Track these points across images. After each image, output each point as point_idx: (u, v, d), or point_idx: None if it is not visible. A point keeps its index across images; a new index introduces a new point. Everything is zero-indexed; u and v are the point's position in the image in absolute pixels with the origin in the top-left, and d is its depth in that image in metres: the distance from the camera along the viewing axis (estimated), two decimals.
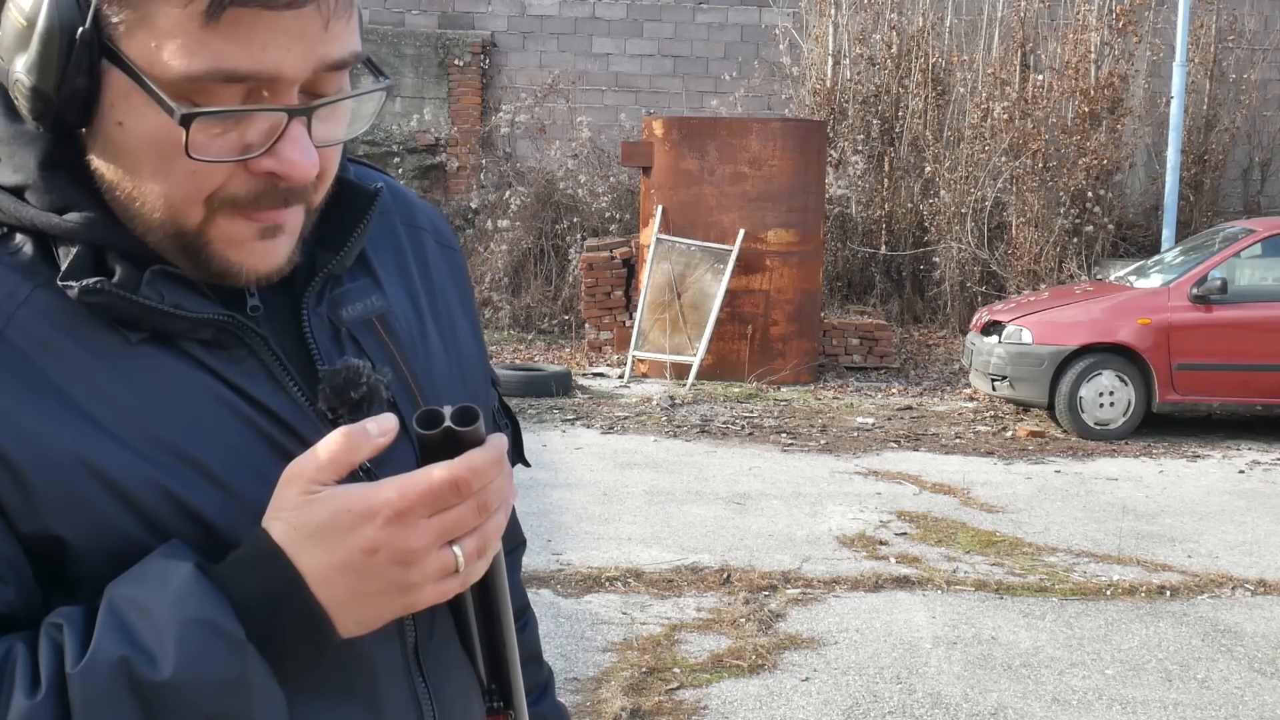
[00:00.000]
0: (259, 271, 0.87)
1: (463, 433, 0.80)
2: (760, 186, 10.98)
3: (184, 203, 0.82)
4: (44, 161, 0.84)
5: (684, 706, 4.13)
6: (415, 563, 0.79)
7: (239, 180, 0.83)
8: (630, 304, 11.82)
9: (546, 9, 15.38)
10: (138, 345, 0.84)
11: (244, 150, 0.81)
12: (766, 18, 15.31)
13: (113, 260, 0.85)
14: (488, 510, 0.82)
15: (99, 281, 0.82)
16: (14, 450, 0.78)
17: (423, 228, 1.11)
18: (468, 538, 0.82)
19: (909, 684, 4.38)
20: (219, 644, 0.75)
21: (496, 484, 0.82)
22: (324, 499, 0.78)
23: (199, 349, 0.86)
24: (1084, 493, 7.39)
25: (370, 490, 0.78)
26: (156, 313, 0.84)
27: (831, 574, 5.61)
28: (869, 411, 9.91)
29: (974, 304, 13.03)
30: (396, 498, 0.78)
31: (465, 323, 1.09)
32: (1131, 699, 4.30)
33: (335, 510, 0.78)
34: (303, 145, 0.82)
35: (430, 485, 0.79)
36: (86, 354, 0.83)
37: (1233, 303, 9.10)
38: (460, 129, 15.11)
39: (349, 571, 0.78)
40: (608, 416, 9.27)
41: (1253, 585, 5.62)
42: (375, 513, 0.77)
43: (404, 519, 0.78)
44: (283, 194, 0.84)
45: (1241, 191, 15.58)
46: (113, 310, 0.83)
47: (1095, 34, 14.14)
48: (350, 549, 0.78)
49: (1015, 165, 13.47)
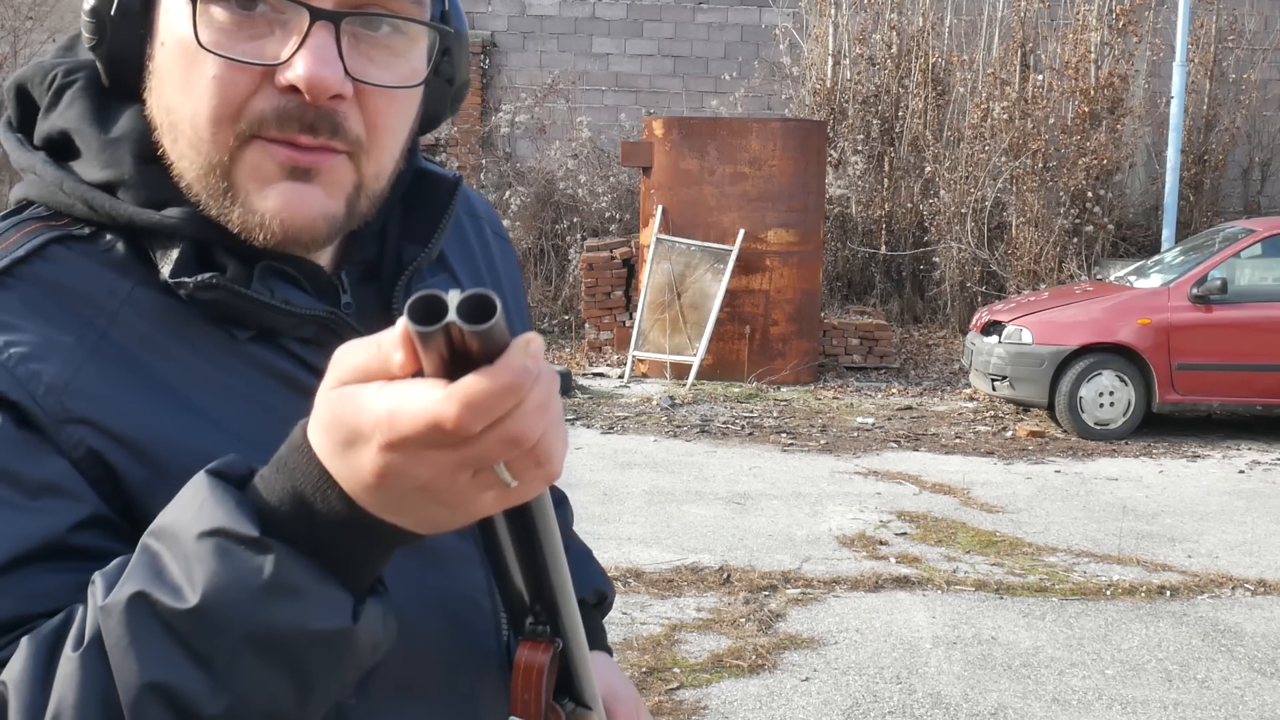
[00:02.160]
0: (285, 222, 0.81)
1: (472, 334, 0.60)
2: (760, 186, 10.97)
3: (211, 124, 0.79)
4: (140, 155, 0.82)
5: (684, 706, 4.13)
6: (440, 490, 0.64)
7: (266, 96, 0.79)
8: (630, 304, 11.82)
9: (546, 9, 15.38)
10: (244, 344, 0.83)
11: (268, 57, 0.78)
12: (766, 18, 15.31)
13: (220, 256, 0.83)
14: (517, 443, 0.62)
15: (213, 276, 0.80)
16: (145, 441, 0.77)
17: (481, 217, 1.10)
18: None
19: (909, 684, 4.38)
20: (238, 552, 0.66)
21: (525, 409, 0.61)
22: (332, 399, 0.65)
23: (299, 346, 0.84)
24: (1084, 493, 7.39)
25: (366, 402, 0.63)
26: (267, 308, 0.82)
27: (831, 574, 5.61)
28: (869, 411, 9.91)
29: (974, 304, 13.03)
30: (386, 424, 0.62)
31: (518, 320, 1.05)
32: (1131, 699, 4.30)
33: (333, 418, 0.65)
34: (325, 56, 0.77)
35: (415, 423, 0.61)
36: (193, 353, 0.81)
37: (1233, 303, 9.10)
38: (460, 129, 15.11)
39: (369, 489, 0.65)
40: (608, 416, 9.27)
41: (1253, 585, 5.62)
42: (367, 436, 0.63)
43: (401, 449, 0.62)
44: (310, 119, 0.79)
45: (1241, 191, 15.58)
46: (222, 307, 0.81)
47: (1095, 34, 14.14)
48: (357, 468, 0.65)
49: (1015, 165, 13.47)
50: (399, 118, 0.85)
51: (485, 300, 0.60)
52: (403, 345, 0.62)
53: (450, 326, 0.60)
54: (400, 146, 0.87)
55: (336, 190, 0.82)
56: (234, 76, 0.78)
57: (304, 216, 0.81)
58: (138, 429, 0.78)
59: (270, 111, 0.79)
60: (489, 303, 0.60)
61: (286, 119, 0.79)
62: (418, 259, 0.93)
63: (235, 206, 0.81)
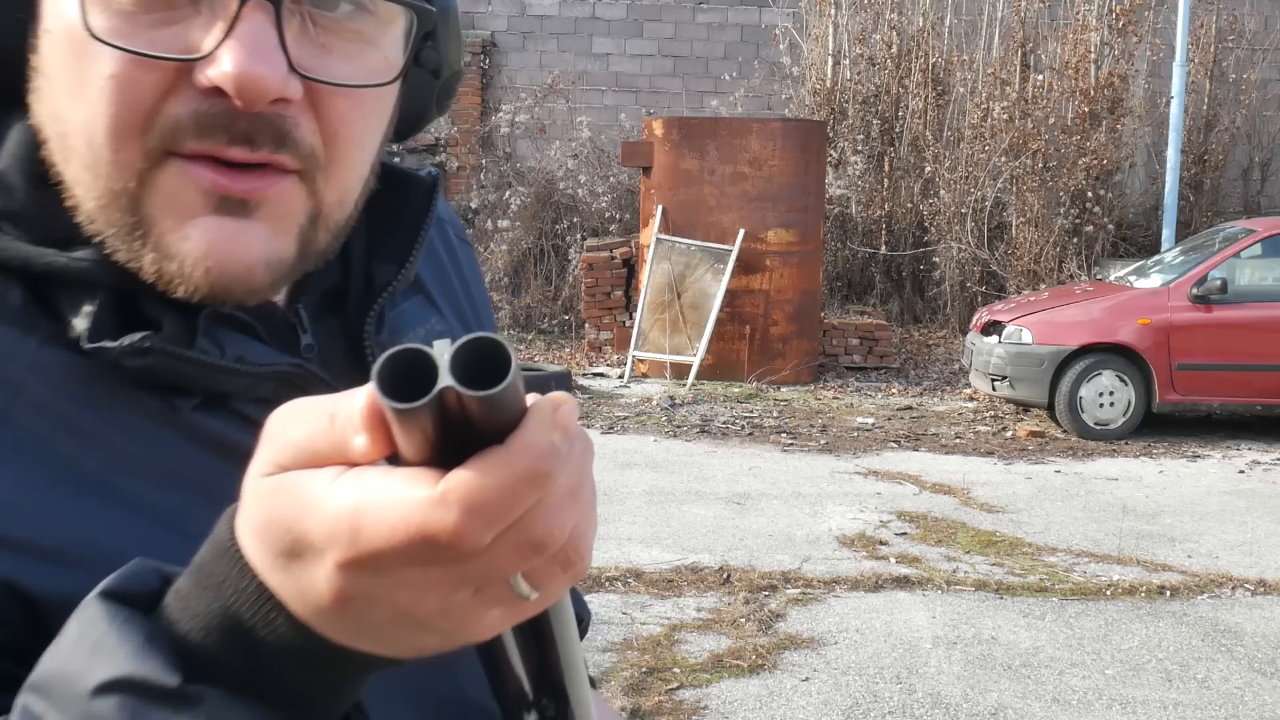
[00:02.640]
0: (212, 271, 0.61)
1: (475, 401, 0.42)
2: (760, 186, 10.98)
3: (111, 139, 0.59)
4: (33, 177, 0.63)
5: (684, 706, 4.13)
6: (429, 615, 0.46)
7: (183, 99, 0.59)
8: (630, 304, 11.82)
9: (546, 9, 15.38)
10: (187, 414, 0.64)
11: (183, 52, 0.58)
12: (766, 18, 15.31)
13: (149, 306, 0.63)
14: (539, 549, 0.45)
15: (145, 338, 0.61)
16: (70, 551, 0.58)
17: (444, 219, 0.89)
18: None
19: (909, 684, 4.38)
20: (152, 712, 0.47)
21: (551, 503, 0.45)
22: (265, 491, 0.46)
23: (256, 409, 0.62)
24: (1084, 493, 7.39)
25: (315, 499, 0.45)
26: (216, 371, 0.64)
27: (831, 574, 5.61)
28: (869, 411, 9.91)
29: (974, 304, 13.03)
30: (346, 535, 0.44)
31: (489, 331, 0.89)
32: (1131, 699, 4.30)
33: (268, 519, 0.46)
34: (260, 46, 0.58)
35: (390, 535, 0.43)
36: (122, 431, 0.62)
37: (1233, 303, 9.10)
38: (460, 129, 15.11)
39: (326, 614, 0.47)
40: (608, 416, 9.28)
41: (1253, 585, 5.62)
42: (318, 549, 0.45)
43: (369, 568, 0.44)
44: (244, 128, 0.59)
45: (1241, 191, 15.58)
46: (158, 373, 0.63)
47: (1095, 34, 14.14)
48: (306, 589, 0.46)
49: (1015, 165, 13.47)
50: (368, 124, 0.65)
51: (493, 352, 0.43)
52: (368, 425, 0.44)
53: (445, 393, 0.42)
54: (371, 160, 0.68)
55: (284, 224, 0.63)
56: (138, 75, 0.59)
57: (238, 263, 0.61)
58: (57, 538, 0.58)
59: (188, 117, 0.59)
60: (499, 355, 0.43)
61: (210, 127, 0.59)
62: (392, 283, 0.74)
63: (146, 249, 0.61)
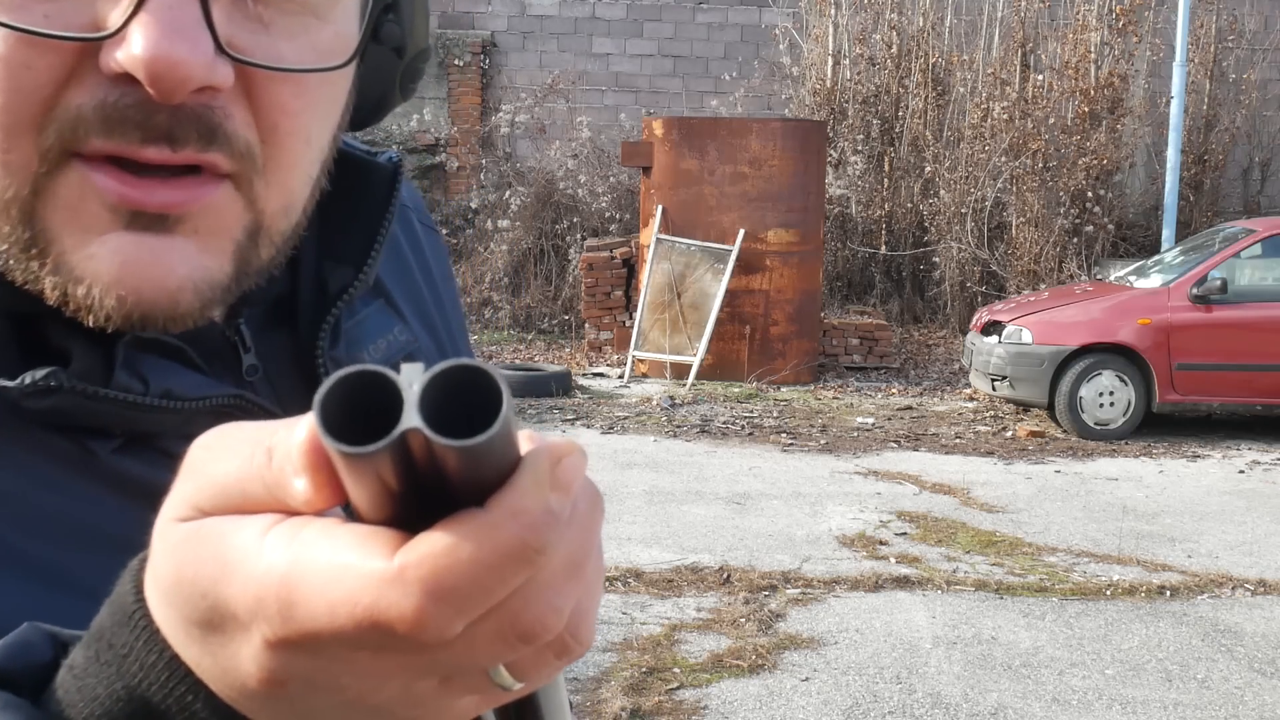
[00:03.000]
0: (125, 300, 0.50)
1: (451, 451, 0.33)
2: (760, 186, 10.98)
3: (4, 138, 0.49)
4: None
5: (684, 706, 4.13)
6: (384, 705, 0.37)
7: (86, 88, 0.49)
8: (630, 304, 11.82)
9: (546, 9, 15.38)
10: (107, 457, 0.54)
11: (86, 28, 0.48)
12: (766, 18, 15.31)
13: (55, 334, 0.53)
14: (526, 639, 0.35)
15: (52, 374, 0.51)
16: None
17: (407, 205, 0.77)
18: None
19: (909, 684, 4.38)
20: None
21: (545, 581, 0.35)
22: (179, 540, 0.37)
23: (186, 448, 0.48)
24: (1084, 493, 7.39)
25: (240, 556, 0.35)
26: (137, 409, 0.54)
27: (831, 574, 5.61)
28: (869, 411, 9.91)
29: (974, 304, 13.04)
30: (276, 608, 0.35)
31: (460, 334, 0.78)
32: (1131, 699, 4.30)
33: (179, 578, 0.37)
34: (178, 21, 0.47)
35: (332, 616, 0.34)
36: (29, 482, 0.52)
37: (1233, 303, 9.10)
38: (460, 129, 15.11)
39: (253, 698, 0.38)
40: (608, 417, 9.28)
41: (1253, 585, 5.62)
42: (242, 621, 0.36)
43: (306, 650, 0.35)
44: (163, 123, 0.49)
45: (1241, 191, 15.58)
46: (69, 414, 0.52)
47: (1095, 34, 14.14)
48: (229, 668, 0.37)
49: (1015, 165, 13.47)
50: (315, 114, 0.55)
51: (479, 384, 0.33)
52: (310, 465, 0.35)
53: (409, 436, 0.32)
54: (321, 158, 0.57)
55: (216, 240, 0.53)
56: (30, 57, 0.48)
57: (157, 287, 0.51)
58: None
59: (92, 110, 0.49)
60: (486, 389, 0.33)
61: (118, 122, 0.49)
62: (349, 288, 0.64)
63: (45, 270, 0.51)
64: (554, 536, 0.34)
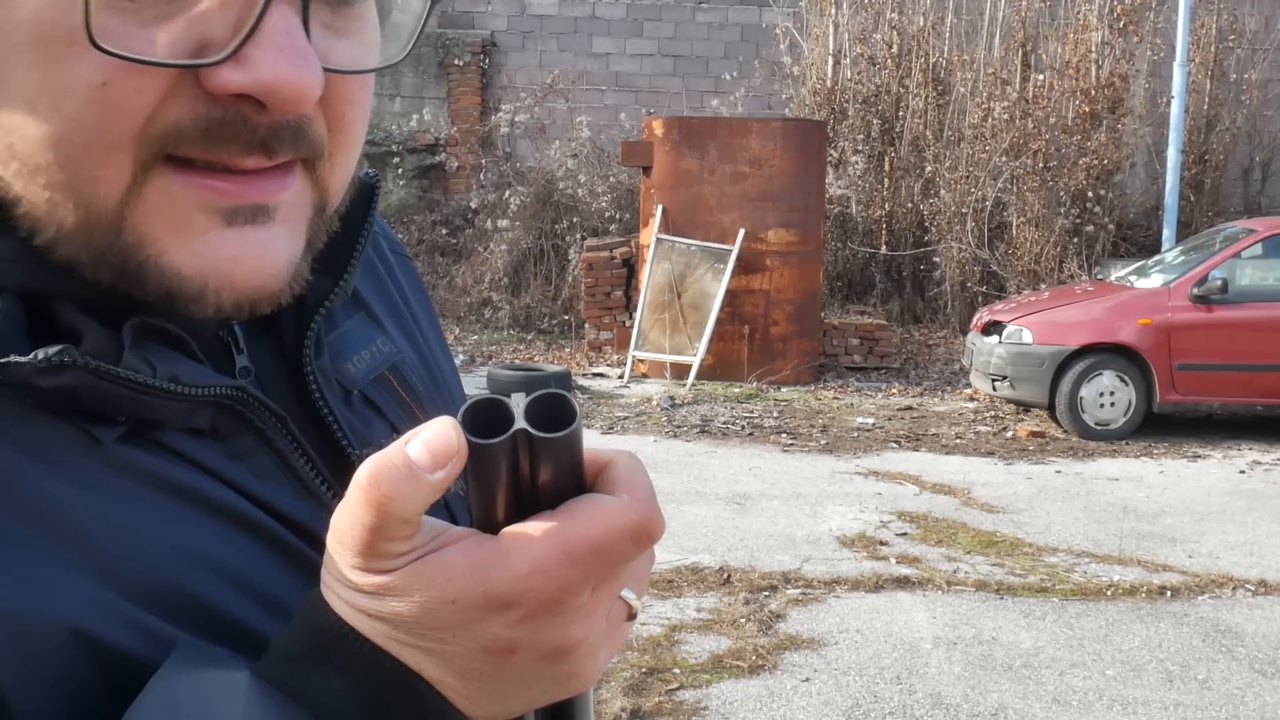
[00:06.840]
0: (240, 289, 0.54)
1: (543, 447, 0.49)
2: (760, 186, 10.97)
3: (99, 154, 0.50)
4: None
5: (684, 707, 4.12)
6: (575, 650, 0.52)
7: (183, 103, 0.50)
8: (630, 304, 11.82)
9: (546, 9, 15.38)
10: (110, 447, 0.54)
11: (195, 50, 0.49)
12: (766, 17, 15.31)
13: (65, 313, 0.54)
14: (652, 538, 0.53)
15: (62, 352, 0.51)
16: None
17: (378, 232, 0.80)
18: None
19: (909, 684, 4.37)
20: None
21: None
22: (403, 582, 0.49)
23: (187, 442, 0.57)
24: (1084, 493, 7.38)
25: (487, 561, 0.49)
26: (144, 392, 0.54)
27: (832, 574, 5.60)
28: (869, 412, 9.90)
29: (974, 304, 13.03)
30: (543, 582, 0.49)
31: (442, 354, 0.81)
32: (1132, 699, 4.30)
33: (428, 603, 0.49)
34: (296, 47, 0.50)
35: (608, 533, 0.50)
36: (36, 467, 0.52)
37: (1233, 303, 9.09)
38: (460, 129, 15.11)
39: (470, 677, 0.51)
40: (608, 417, 9.27)
41: (1253, 585, 5.61)
42: (505, 604, 0.49)
43: (558, 607, 0.50)
44: (261, 136, 0.52)
45: (1242, 191, 15.58)
46: (77, 396, 0.53)
47: (1096, 34, 14.14)
48: (467, 652, 0.50)
49: (1015, 165, 13.47)
50: (368, 102, 0.60)
51: (559, 404, 0.49)
52: (444, 463, 0.48)
53: (518, 435, 0.49)
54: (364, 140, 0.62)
55: (297, 222, 0.57)
56: (140, 83, 0.49)
57: (265, 274, 0.55)
58: None
59: (191, 124, 0.51)
60: (566, 408, 0.49)
61: (223, 138, 0.51)
62: (330, 296, 0.65)
63: (144, 272, 0.53)
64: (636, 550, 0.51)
